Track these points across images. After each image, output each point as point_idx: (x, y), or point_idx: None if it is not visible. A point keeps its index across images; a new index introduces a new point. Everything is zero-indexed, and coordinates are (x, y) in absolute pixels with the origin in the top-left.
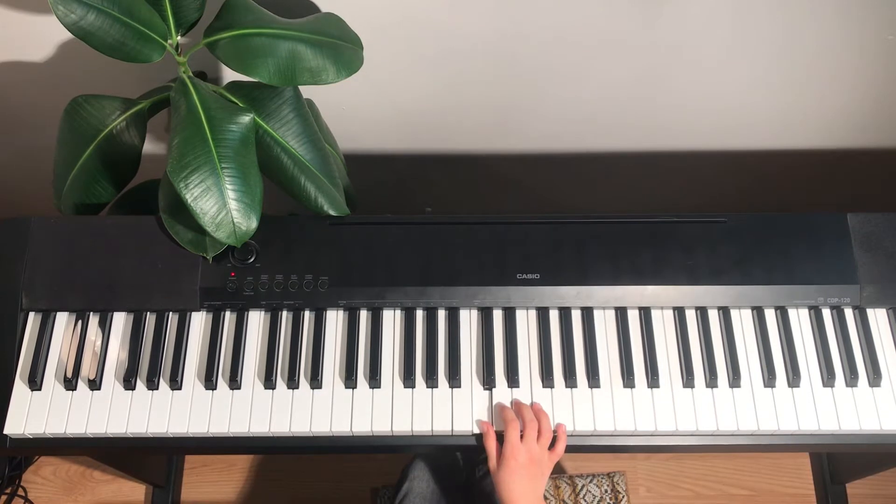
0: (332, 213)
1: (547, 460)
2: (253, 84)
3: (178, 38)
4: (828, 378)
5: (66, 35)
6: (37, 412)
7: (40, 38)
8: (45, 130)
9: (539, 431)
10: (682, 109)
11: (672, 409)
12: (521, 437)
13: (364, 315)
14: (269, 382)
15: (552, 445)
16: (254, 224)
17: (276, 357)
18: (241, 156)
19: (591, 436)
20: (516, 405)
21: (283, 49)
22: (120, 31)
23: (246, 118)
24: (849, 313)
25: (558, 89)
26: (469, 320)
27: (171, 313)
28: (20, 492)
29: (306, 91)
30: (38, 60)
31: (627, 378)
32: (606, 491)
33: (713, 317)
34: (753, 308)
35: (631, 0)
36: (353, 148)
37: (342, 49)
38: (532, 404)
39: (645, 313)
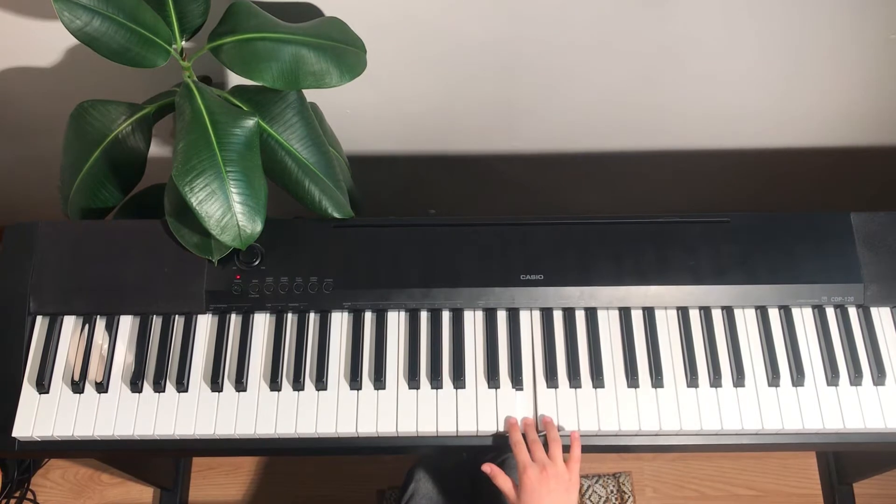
0: (336, 215)
1: (566, 471)
2: (257, 88)
3: (183, 42)
4: (832, 377)
5: (72, 41)
6: (45, 415)
7: (46, 44)
8: (51, 136)
9: (547, 442)
10: (685, 109)
11: (676, 409)
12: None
13: (369, 317)
14: (274, 384)
15: (567, 453)
16: (259, 227)
17: (282, 359)
18: (246, 159)
19: (596, 436)
20: (522, 424)
21: (286, 53)
22: (125, 36)
23: (250, 122)
24: (853, 312)
25: (561, 90)
26: (473, 321)
27: (177, 316)
28: (29, 495)
29: (310, 94)
30: (43, 66)
31: (631, 378)
32: (612, 491)
33: (717, 316)
34: (757, 307)
35: (631, 1)
36: (356, 150)
37: (345, 53)
38: (541, 417)
39: (649, 313)
